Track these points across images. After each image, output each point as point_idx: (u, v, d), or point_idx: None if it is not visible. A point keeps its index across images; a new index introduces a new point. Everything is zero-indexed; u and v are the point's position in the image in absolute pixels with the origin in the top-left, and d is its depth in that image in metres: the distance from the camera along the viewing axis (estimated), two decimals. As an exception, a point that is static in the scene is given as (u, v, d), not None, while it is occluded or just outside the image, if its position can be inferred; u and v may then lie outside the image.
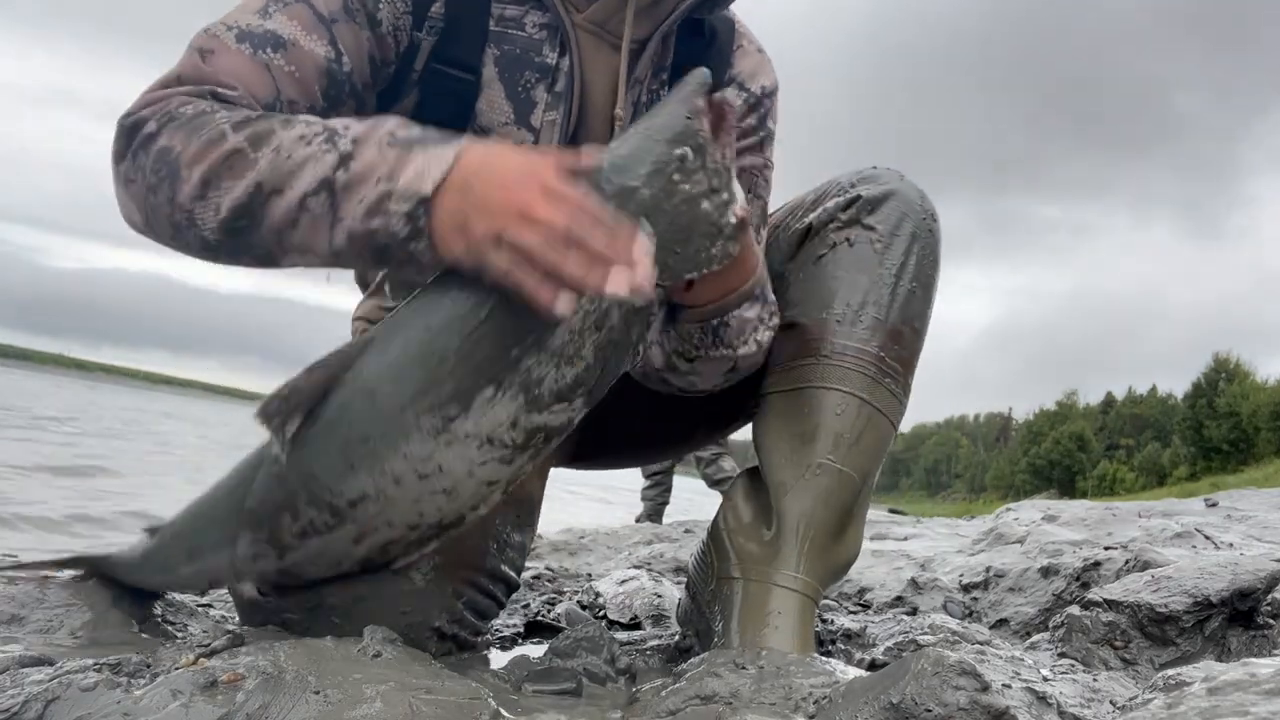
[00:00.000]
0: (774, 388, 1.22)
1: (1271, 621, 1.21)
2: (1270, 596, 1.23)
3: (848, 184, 1.27)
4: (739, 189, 0.92)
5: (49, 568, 1.12)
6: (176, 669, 0.76)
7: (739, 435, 1.56)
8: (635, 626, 1.54)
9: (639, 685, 0.97)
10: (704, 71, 0.91)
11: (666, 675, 0.94)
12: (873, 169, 1.30)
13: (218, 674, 0.74)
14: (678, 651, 1.27)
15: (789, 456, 1.17)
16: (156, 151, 0.91)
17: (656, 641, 1.35)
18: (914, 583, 1.85)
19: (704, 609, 1.21)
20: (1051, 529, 2.25)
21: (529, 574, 2.04)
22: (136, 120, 0.93)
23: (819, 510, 1.14)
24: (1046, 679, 1.07)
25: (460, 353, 0.88)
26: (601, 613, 1.61)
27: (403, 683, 0.75)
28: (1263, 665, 0.74)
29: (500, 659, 1.09)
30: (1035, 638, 1.44)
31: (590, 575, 2.15)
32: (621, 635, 1.43)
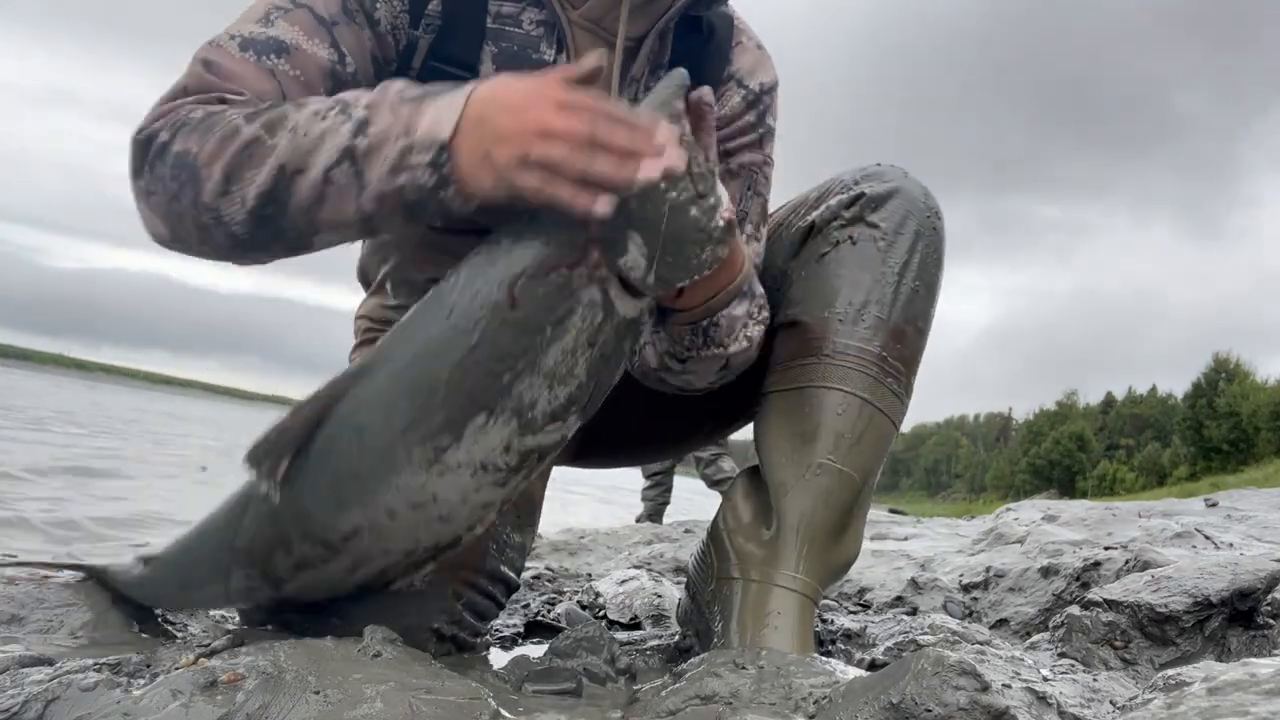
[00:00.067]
0: (775, 387, 1.22)
1: (1271, 621, 1.20)
2: (1270, 596, 1.23)
3: (851, 181, 1.26)
4: (723, 190, 0.90)
5: (49, 568, 1.12)
6: (176, 669, 0.76)
7: (739, 435, 1.55)
8: (635, 626, 1.54)
9: (639, 685, 0.97)
10: (681, 73, 0.90)
11: (666, 675, 0.94)
12: (876, 166, 1.28)
13: (218, 674, 0.74)
14: (678, 651, 1.27)
15: (789, 456, 1.16)
16: (173, 158, 0.91)
17: (656, 641, 1.35)
18: (914, 583, 1.84)
19: (704, 609, 1.21)
20: (1051, 529, 2.25)
21: (529, 574, 2.04)
22: (149, 133, 0.93)
23: (819, 510, 1.14)
24: (1046, 679, 1.07)
25: (450, 382, 0.86)
26: (601, 613, 1.61)
27: (403, 683, 0.75)
28: (1263, 665, 0.74)
29: (500, 659, 1.09)
30: (1035, 638, 1.44)
31: (590, 575, 2.15)
32: (621, 635, 1.43)
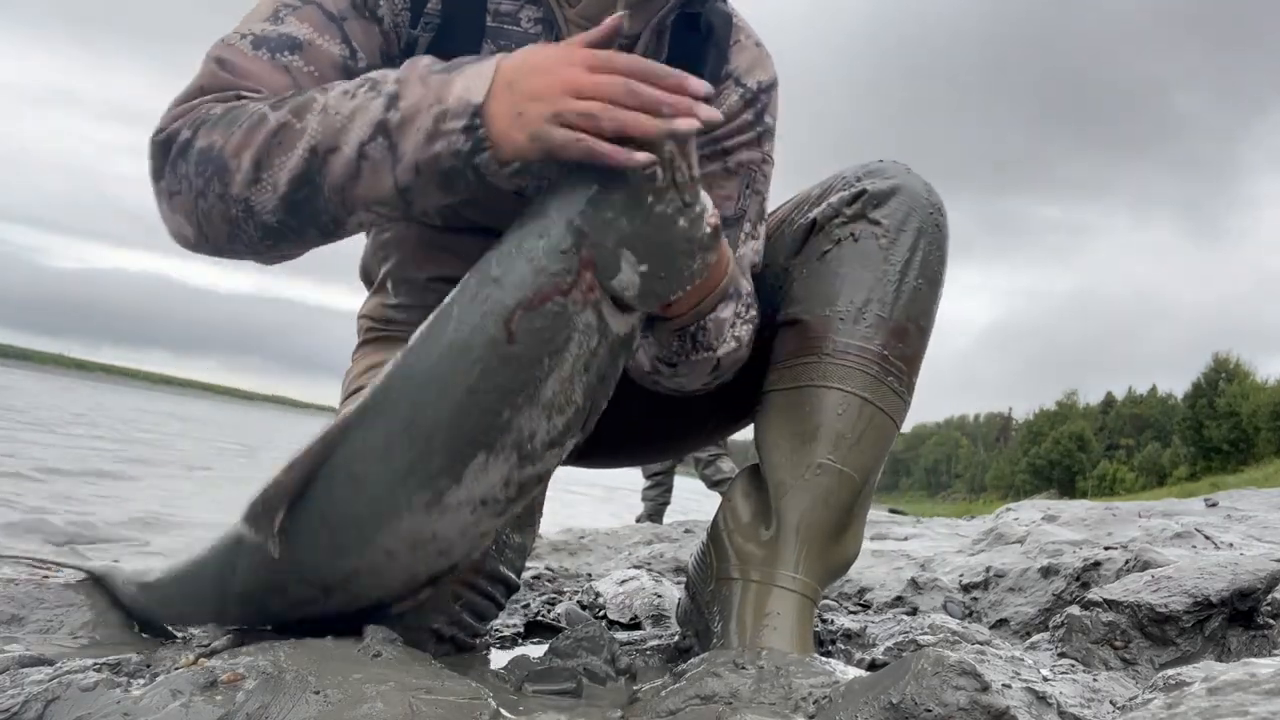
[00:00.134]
0: (775, 386, 1.22)
1: (1271, 621, 1.20)
2: (1270, 596, 1.23)
3: (853, 178, 1.25)
4: (707, 198, 0.90)
5: (50, 566, 1.12)
6: (176, 669, 0.76)
7: (739, 435, 1.55)
8: (635, 626, 1.54)
9: (639, 685, 0.97)
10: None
11: (666, 675, 0.94)
12: (879, 162, 1.27)
13: (218, 674, 0.74)
14: (678, 651, 1.27)
15: (789, 456, 1.16)
16: (197, 154, 0.90)
17: (656, 641, 1.35)
18: (914, 583, 1.84)
19: (704, 609, 1.20)
20: (1051, 529, 2.25)
21: (529, 574, 2.04)
22: (170, 134, 0.93)
23: (819, 510, 1.14)
24: (1046, 679, 1.07)
25: (450, 425, 0.84)
26: (601, 613, 1.61)
27: (403, 683, 0.75)
28: (1263, 665, 0.74)
29: (500, 659, 1.09)
30: (1035, 638, 1.44)
31: (590, 575, 2.15)
32: (621, 635, 1.43)
